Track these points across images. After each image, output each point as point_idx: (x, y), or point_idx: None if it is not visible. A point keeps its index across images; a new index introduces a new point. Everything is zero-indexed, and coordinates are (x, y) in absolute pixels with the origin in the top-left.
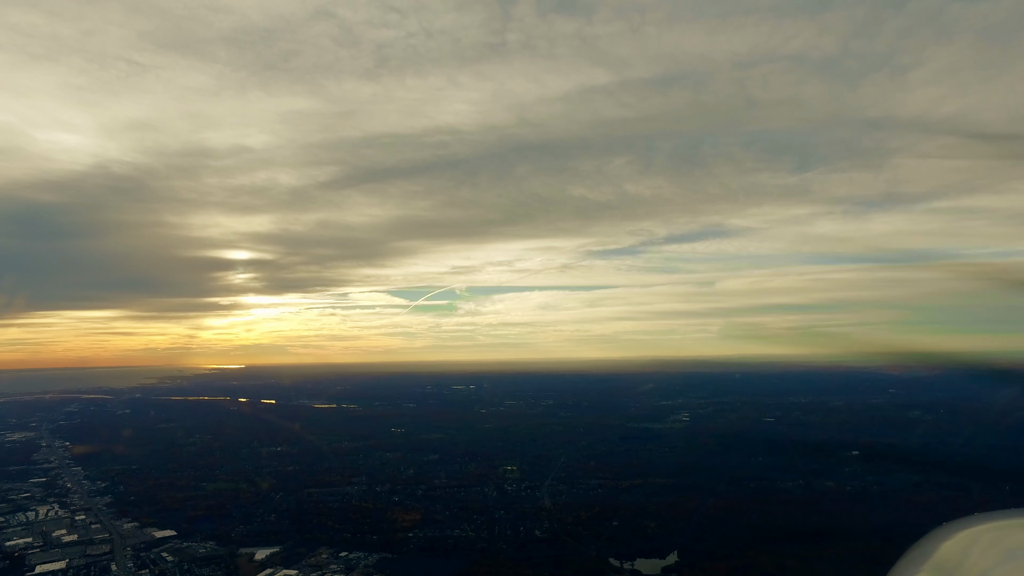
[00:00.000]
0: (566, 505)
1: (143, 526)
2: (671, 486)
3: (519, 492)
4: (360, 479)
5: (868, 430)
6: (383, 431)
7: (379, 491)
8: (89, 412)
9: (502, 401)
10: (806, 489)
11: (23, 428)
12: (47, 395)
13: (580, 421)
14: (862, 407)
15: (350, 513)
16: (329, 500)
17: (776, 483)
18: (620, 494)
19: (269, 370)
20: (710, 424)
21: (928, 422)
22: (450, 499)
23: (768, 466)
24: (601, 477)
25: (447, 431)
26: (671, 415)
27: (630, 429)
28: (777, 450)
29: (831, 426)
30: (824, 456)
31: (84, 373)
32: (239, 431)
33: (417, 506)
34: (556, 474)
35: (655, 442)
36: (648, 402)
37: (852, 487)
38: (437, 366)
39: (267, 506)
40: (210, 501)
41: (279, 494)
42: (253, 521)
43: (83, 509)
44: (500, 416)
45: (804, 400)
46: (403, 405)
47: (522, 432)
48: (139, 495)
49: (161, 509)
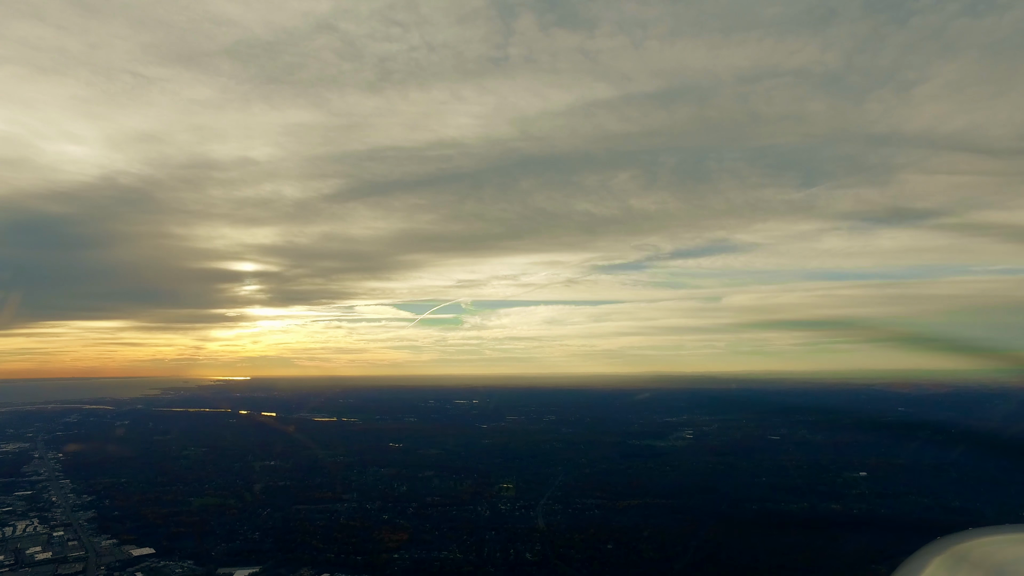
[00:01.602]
0: (560, 526)
1: (122, 543)
2: (670, 507)
3: (513, 511)
4: (351, 495)
5: (876, 450)
6: (381, 446)
7: (369, 508)
8: (88, 423)
9: (504, 416)
10: (811, 512)
11: (19, 439)
12: (49, 405)
13: (581, 437)
14: (870, 425)
15: (336, 532)
16: (317, 517)
17: (780, 505)
18: (617, 515)
19: (274, 382)
20: (714, 442)
21: (939, 441)
22: (441, 518)
23: (772, 487)
24: (599, 497)
25: (445, 446)
26: (675, 432)
27: (632, 446)
28: (782, 470)
29: (838, 445)
30: (830, 477)
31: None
32: (235, 444)
33: (406, 525)
34: (552, 493)
35: (657, 460)
36: (652, 418)
37: (859, 510)
38: (442, 380)
39: (252, 523)
40: (195, 517)
41: (266, 510)
42: (236, 539)
43: (63, 524)
44: (501, 431)
45: (811, 418)
46: (404, 419)
47: (521, 448)
48: (123, 510)
49: (144, 525)
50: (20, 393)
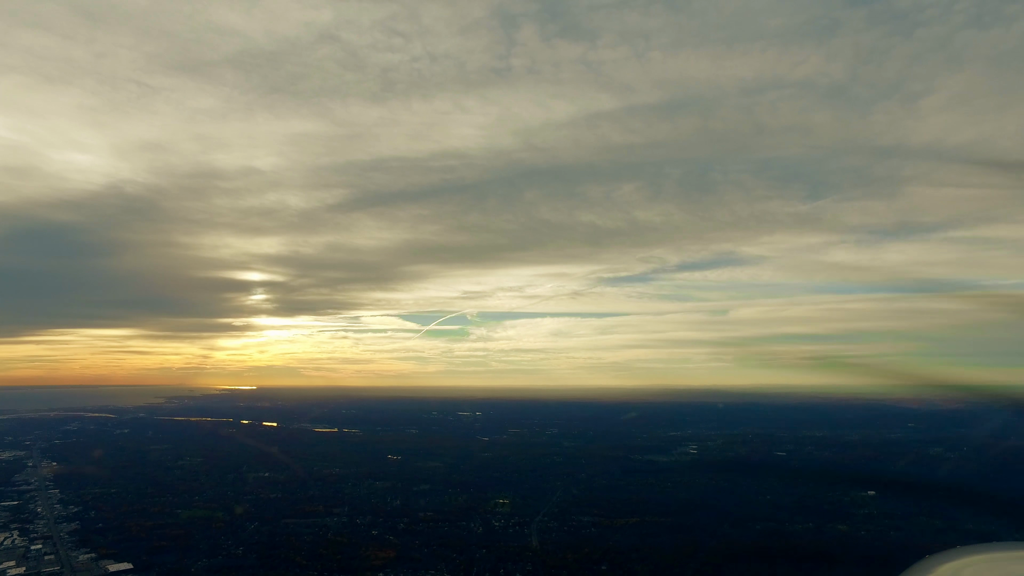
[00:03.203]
0: (554, 544)
1: (100, 557)
2: (670, 526)
3: (506, 528)
4: (342, 509)
5: (885, 467)
6: (379, 458)
7: (359, 523)
8: (87, 431)
9: (506, 429)
10: (816, 533)
11: (15, 447)
12: (52, 413)
13: (583, 452)
14: (879, 442)
15: (322, 548)
16: (304, 532)
17: (784, 525)
18: (614, 534)
19: (279, 392)
20: (718, 457)
21: (951, 460)
22: (431, 534)
23: (777, 505)
24: (596, 514)
25: (444, 459)
26: (679, 447)
27: (634, 461)
28: (787, 488)
29: (846, 462)
30: (838, 495)
31: (98, 391)
32: (231, 454)
33: (395, 541)
34: (549, 509)
35: (658, 476)
36: (656, 432)
37: (867, 532)
38: (448, 392)
39: (238, 537)
40: (180, 530)
41: (254, 523)
42: (219, 553)
43: (44, 537)
44: (501, 445)
45: (818, 433)
46: (405, 431)
47: (521, 462)
48: (108, 522)
49: (126, 538)
50: (26, 400)
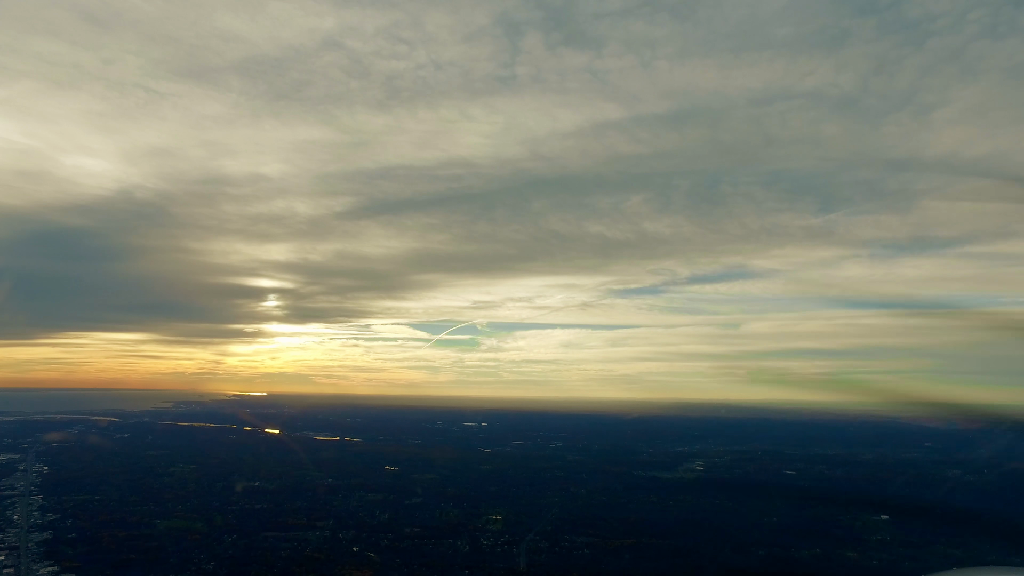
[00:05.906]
0: (542, 567)
1: (62, 571)
2: (667, 549)
3: (494, 547)
4: (326, 523)
5: (900, 490)
6: (375, 468)
7: (341, 538)
8: (87, 435)
9: (510, 441)
10: (824, 560)
11: (11, 449)
12: (57, 415)
13: (585, 466)
14: (894, 462)
15: (297, 565)
16: (282, 546)
17: (790, 551)
18: (607, 556)
19: (289, 399)
20: (724, 475)
21: (971, 483)
22: (414, 552)
23: (783, 528)
24: (591, 534)
25: (442, 471)
26: (684, 463)
27: (637, 477)
28: (795, 510)
29: (858, 483)
30: (849, 519)
31: (111, 395)
32: (225, 462)
33: (375, 559)
34: (542, 527)
35: (660, 493)
36: (663, 447)
37: (879, 560)
38: (459, 401)
39: (212, 550)
40: (153, 542)
41: (232, 536)
42: (188, 569)
43: (10, 548)
44: (503, 457)
45: (830, 452)
46: (407, 441)
47: (520, 476)
48: (82, 532)
49: (96, 550)
50: (38, 402)
